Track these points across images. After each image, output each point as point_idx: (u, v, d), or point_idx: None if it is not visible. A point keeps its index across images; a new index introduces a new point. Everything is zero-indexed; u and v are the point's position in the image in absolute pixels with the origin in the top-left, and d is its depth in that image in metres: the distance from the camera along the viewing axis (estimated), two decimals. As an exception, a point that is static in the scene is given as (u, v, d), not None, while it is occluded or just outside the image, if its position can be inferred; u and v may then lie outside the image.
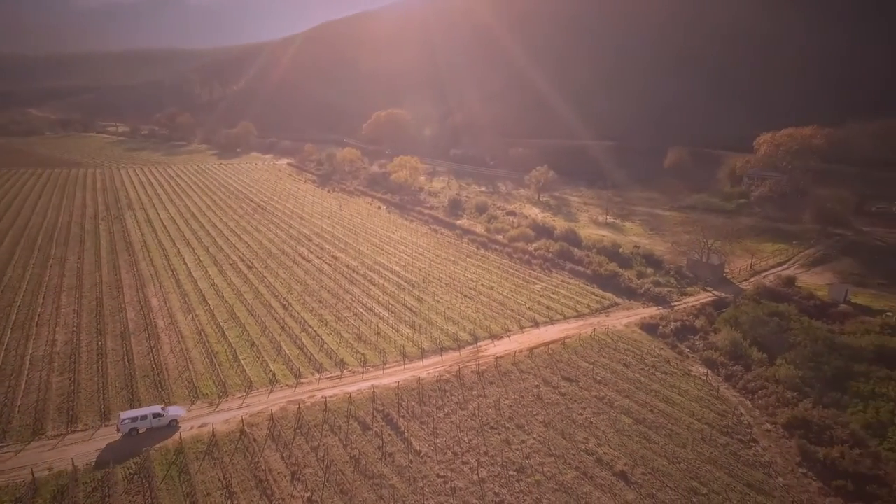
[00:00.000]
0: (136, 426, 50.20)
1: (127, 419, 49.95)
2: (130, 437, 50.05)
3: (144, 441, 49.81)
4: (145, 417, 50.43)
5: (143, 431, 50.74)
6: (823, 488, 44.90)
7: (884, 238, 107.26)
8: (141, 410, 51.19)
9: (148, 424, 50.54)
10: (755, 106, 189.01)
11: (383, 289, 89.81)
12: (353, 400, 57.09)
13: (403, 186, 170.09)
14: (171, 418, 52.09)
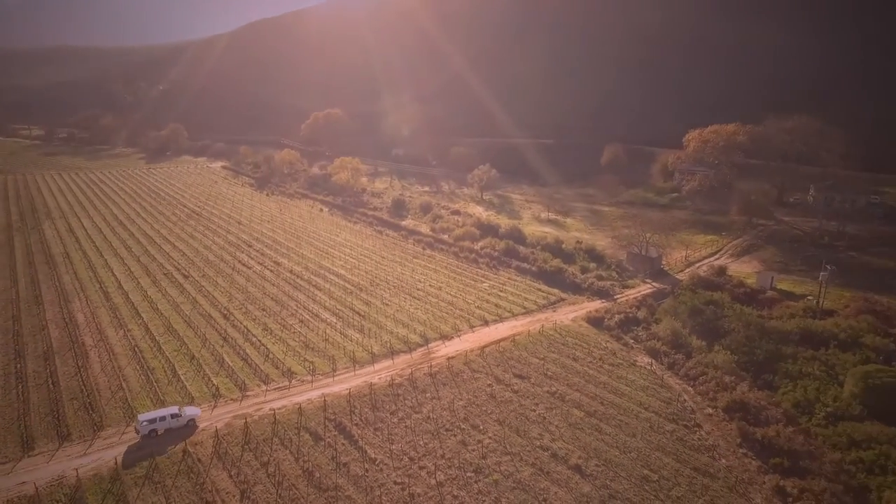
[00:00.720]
0: (155, 427, 50.82)
1: (145, 421, 50.58)
2: (150, 439, 50.48)
3: (164, 441, 50.52)
4: (164, 419, 51.22)
5: (161, 432, 51.13)
6: (762, 466, 47.33)
7: (801, 227, 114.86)
8: (159, 412, 51.81)
9: (166, 425, 51.28)
10: (683, 104, 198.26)
11: (329, 293, 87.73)
12: (304, 410, 55.26)
13: (345, 188, 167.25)
14: (189, 418, 52.60)
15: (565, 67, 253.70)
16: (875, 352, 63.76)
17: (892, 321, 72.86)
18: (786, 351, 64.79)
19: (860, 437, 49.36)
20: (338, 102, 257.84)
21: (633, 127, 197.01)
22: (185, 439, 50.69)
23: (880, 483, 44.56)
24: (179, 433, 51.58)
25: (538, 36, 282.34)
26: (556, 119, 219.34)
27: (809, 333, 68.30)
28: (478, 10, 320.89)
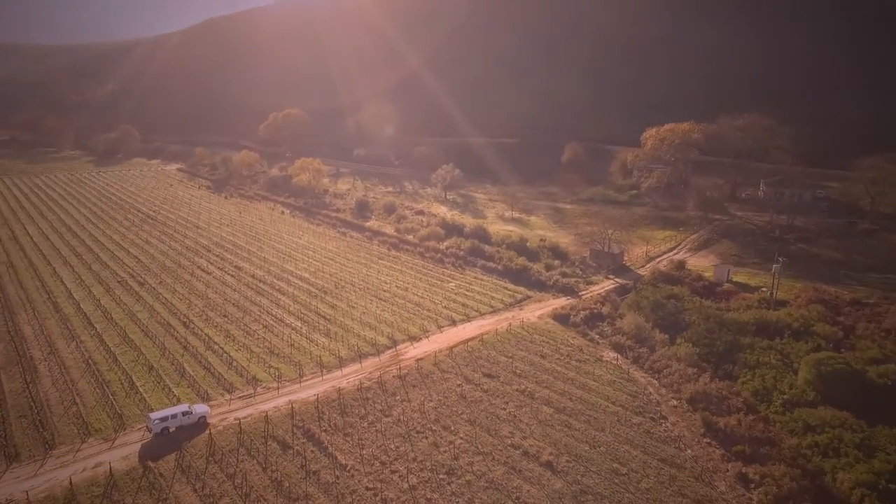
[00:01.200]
0: (167, 425, 50.99)
1: (157, 419, 50.72)
2: (163, 437, 50.58)
3: (177, 439, 50.81)
4: (175, 416, 51.47)
5: (173, 430, 51.25)
6: (726, 455, 48.80)
7: (754, 221, 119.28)
8: (169, 410, 52.04)
9: (178, 423, 51.51)
10: (640, 103, 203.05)
11: (294, 297, 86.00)
12: (270, 418, 53.90)
13: (307, 189, 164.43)
14: (200, 415, 52.89)
15: (524, 67, 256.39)
16: (825, 339, 66.65)
17: (839, 310, 76.38)
18: (744, 341, 67.00)
19: (815, 422, 51.45)
20: (296, 102, 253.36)
21: (591, 126, 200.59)
22: (193, 438, 50.72)
23: (834, 465, 46.51)
24: (191, 431, 51.63)
25: (497, 36, 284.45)
26: (517, 118, 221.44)
27: (765, 324, 70.85)
28: (437, 10, 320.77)
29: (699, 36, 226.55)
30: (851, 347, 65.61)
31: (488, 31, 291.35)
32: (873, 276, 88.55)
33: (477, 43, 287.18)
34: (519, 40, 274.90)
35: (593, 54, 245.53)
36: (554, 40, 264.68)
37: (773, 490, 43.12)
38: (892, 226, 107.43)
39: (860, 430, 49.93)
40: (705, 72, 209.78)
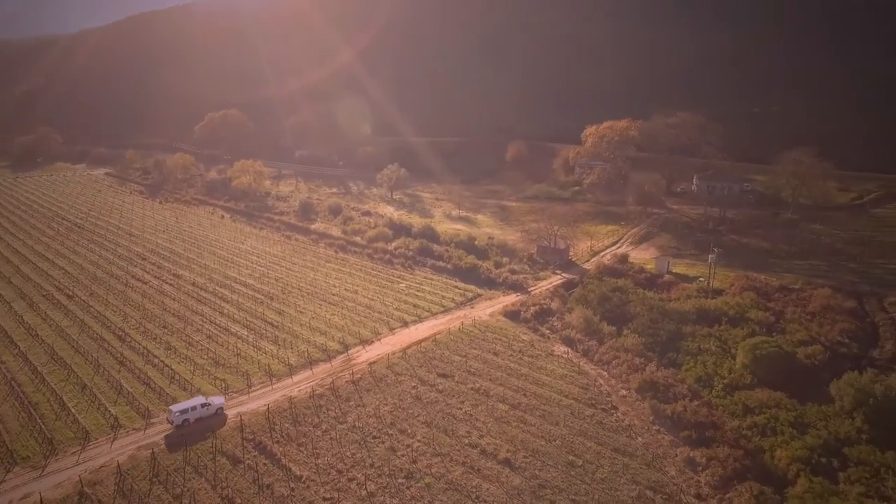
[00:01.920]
0: (188, 417, 52.33)
1: (178, 411, 52.06)
2: (183, 428, 51.86)
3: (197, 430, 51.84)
4: (194, 408, 52.82)
5: (193, 422, 52.40)
6: (674, 440, 50.69)
7: (689, 214, 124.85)
8: (189, 402, 53.33)
9: (198, 415, 52.84)
10: (579, 101, 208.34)
11: (238, 305, 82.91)
12: (218, 433, 51.63)
13: (248, 192, 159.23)
14: (217, 407, 54.23)
15: (466, 67, 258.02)
16: (759, 325, 70.46)
17: (769, 296, 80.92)
18: (685, 330, 69.89)
19: (753, 403, 54.30)
20: (229, 101, 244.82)
21: (534, 124, 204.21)
22: (216, 429, 52.08)
23: (772, 443, 49.21)
24: (210, 422, 52.98)
25: (438, 36, 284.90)
26: (461, 118, 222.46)
27: (704, 312, 74.14)
28: (375, 8, 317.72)
29: (634, 36, 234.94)
30: (782, 331, 69.62)
31: (429, 30, 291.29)
32: (797, 263, 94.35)
33: (418, 42, 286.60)
34: (460, 39, 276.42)
35: (535, 53, 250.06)
36: (496, 40, 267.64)
37: (719, 471, 45.14)
38: (811, 215, 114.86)
39: (793, 408, 53.09)
40: (641, 71, 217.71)
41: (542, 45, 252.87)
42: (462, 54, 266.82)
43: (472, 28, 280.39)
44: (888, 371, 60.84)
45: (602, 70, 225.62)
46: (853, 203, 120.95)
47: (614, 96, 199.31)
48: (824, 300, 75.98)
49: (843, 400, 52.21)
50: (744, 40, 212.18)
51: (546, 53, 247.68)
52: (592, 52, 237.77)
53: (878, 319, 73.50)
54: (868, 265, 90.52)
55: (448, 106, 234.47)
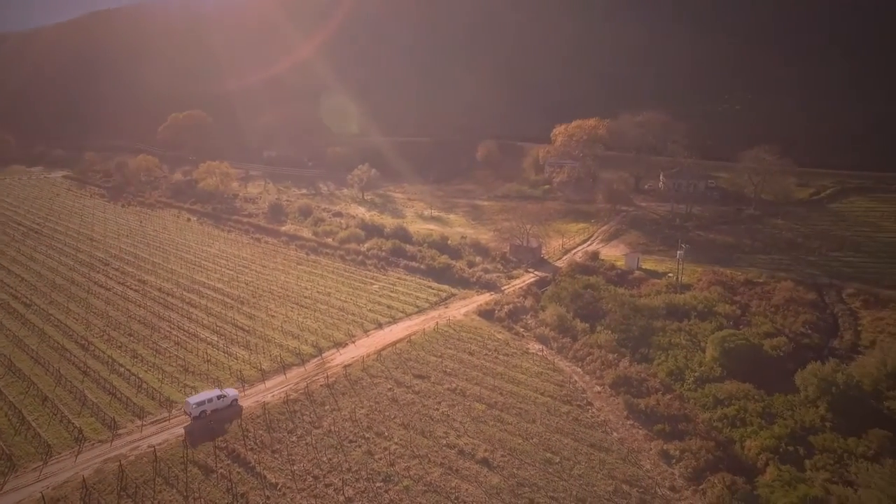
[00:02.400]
0: (205, 408, 53.40)
1: (194, 403, 53.09)
2: (201, 420, 53.04)
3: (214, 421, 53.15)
4: (211, 400, 53.91)
5: (210, 413, 53.52)
6: (648, 434, 51.51)
7: (657, 211, 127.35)
8: (205, 394, 54.38)
9: (214, 406, 54.00)
10: (547, 100, 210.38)
11: (207, 310, 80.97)
12: (190, 442, 50.24)
13: (215, 194, 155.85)
14: (232, 398, 55.56)
15: (435, 67, 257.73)
16: (726, 318, 72.35)
17: (735, 290, 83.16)
18: (656, 325, 71.24)
19: (723, 395, 55.62)
20: (197, 103, 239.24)
21: (504, 123, 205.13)
22: (233, 420, 53.43)
23: (741, 434, 50.50)
24: (225, 413, 54.26)
25: (407, 36, 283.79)
26: (431, 118, 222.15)
27: (673, 307, 75.69)
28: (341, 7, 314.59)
29: (600, 36, 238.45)
30: (748, 324, 71.65)
31: (398, 30, 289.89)
32: (760, 257, 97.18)
33: (386, 43, 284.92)
34: (430, 39, 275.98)
35: (504, 53, 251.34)
36: (465, 40, 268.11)
37: (692, 463, 46.05)
38: (772, 211, 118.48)
39: (761, 399, 54.59)
40: (608, 70, 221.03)
41: (511, 45, 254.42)
42: (432, 54, 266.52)
43: (442, 28, 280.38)
44: (848, 360, 63.26)
45: (570, 69, 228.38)
46: (811, 199, 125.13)
47: (582, 95, 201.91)
48: (787, 293, 78.54)
49: (808, 389, 53.93)
50: (705, 42, 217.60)
51: (515, 53, 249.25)
52: (560, 52, 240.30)
53: (838, 310, 76.35)
54: (826, 258, 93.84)
55: (418, 106, 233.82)
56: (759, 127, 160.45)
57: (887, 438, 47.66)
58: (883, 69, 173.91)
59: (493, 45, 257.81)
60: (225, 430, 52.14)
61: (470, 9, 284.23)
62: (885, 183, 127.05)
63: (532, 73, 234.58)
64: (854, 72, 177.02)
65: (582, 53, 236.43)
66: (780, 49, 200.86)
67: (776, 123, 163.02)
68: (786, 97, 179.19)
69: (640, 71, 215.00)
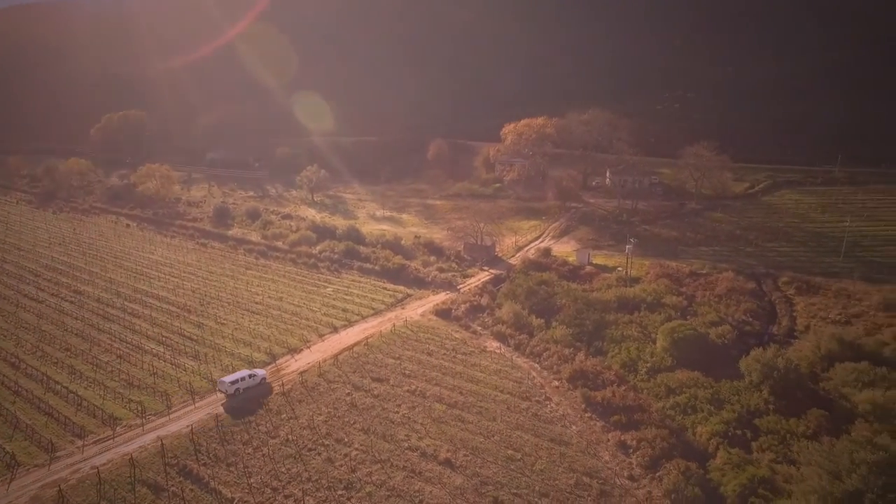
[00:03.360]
0: (238, 386, 57.34)
1: (229, 381, 57.05)
2: (236, 397, 56.90)
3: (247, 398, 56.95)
4: (243, 379, 57.90)
5: (243, 391, 57.39)
6: (606, 426, 52.68)
7: (604, 207, 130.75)
8: (237, 374, 58.41)
9: (246, 385, 57.94)
10: (495, 99, 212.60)
11: (151, 320, 77.25)
12: (137, 461, 47.72)
13: (155, 199, 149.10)
14: (261, 378, 59.51)
15: (383, 66, 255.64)
16: (674, 309, 74.90)
17: (681, 281, 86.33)
18: (608, 318, 73.02)
19: (674, 384, 57.57)
20: (135, 103, 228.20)
21: (452, 122, 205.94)
22: (264, 397, 57.14)
23: (693, 420, 52.42)
24: (257, 391, 58.03)
25: (354, 35, 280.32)
26: (379, 117, 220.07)
27: (624, 300, 77.84)
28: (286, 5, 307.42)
29: (546, 36, 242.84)
30: (694, 314, 74.51)
31: (346, 31, 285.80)
32: (703, 250, 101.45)
33: (334, 43, 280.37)
34: (378, 38, 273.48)
35: (448, 52, 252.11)
36: (414, 39, 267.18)
37: (649, 452, 47.41)
38: (712, 205, 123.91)
39: (709, 386, 56.82)
40: (554, 70, 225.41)
41: (458, 45, 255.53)
42: (377, 54, 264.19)
43: (390, 28, 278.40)
44: (786, 345, 66.91)
45: (516, 69, 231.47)
46: (747, 192, 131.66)
47: (529, 95, 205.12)
48: (729, 283, 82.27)
49: (752, 375, 56.55)
50: (645, 43, 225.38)
51: (463, 54, 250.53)
52: (508, 53, 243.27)
53: (775, 298, 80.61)
54: (762, 249, 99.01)
55: (365, 105, 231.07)
56: (697, 124, 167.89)
57: (824, 417, 50.63)
58: (806, 70, 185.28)
59: (440, 45, 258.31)
60: (261, 403, 56.39)
61: (416, 8, 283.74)
62: (811, 176, 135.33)
63: (479, 73, 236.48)
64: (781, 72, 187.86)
65: (527, 53, 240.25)
66: (714, 50, 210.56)
67: (712, 121, 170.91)
68: (720, 96, 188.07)
69: (583, 70, 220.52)
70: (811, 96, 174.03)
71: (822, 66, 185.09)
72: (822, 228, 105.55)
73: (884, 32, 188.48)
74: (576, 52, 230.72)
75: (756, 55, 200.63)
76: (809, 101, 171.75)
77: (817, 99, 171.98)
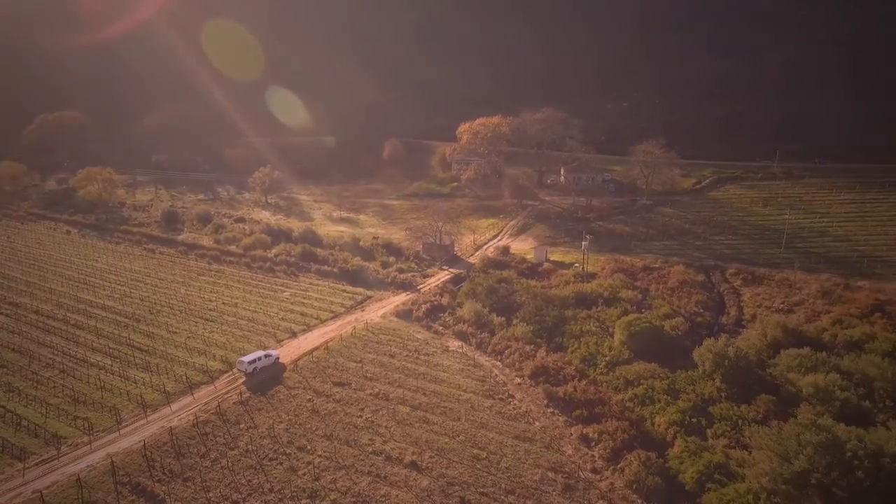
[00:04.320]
0: (256, 365, 61.74)
1: (247, 361, 61.52)
2: (254, 376, 61.30)
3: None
4: (260, 359, 62.49)
5: (260, 370, 61.72)
6: (568, 420, 53.53)
7: (559, 204, 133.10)
8: (253, 354, 62.99)
9: (262, 364, 62.40)
10: (449, 98, 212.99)
11: (97, 331, 73.59)
12: (85, 481, 45.30)
13: (98, 203, 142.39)
14: (275, 357, 64.23)
15: (335, 66, 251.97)
16: (629, 303, 76.96)
17: (635, 275, 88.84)
18: (567, 314, 74.25)
19: (632, 376, 59.06)
20: (69, 103, 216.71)
21: (407, 121, 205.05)
22: (279, 374, 61.88)
23: (651, 411, 53.89)
24: (272, 370, 62.52)
25: (303, 34, 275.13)
26: (332, 117, 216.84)
27: (582, 296, 79.35)
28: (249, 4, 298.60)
29: (497, 37, 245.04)
30: (649, 307, 76.72)
31: (294, 31, 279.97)
32: (655, 244, 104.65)
33: (282, 42, 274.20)
34: (328, 38, 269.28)
35: (404, 52, 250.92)
36: (364, 39, 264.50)
37: (610, 444, 48.44)
38: (662, 200, 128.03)
39: (666, 377, 58.59)
40: (505, 70, 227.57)
41: (411, 45, 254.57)
42: (330, 54, 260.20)
43: (341, 27, 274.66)
44: (735, 334, 69.83)
45: (470, 70, 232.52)
46: (694, 188, 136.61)
47: (483, 95, 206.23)
48: (680, 276, 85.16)
49: (705, 364, 58.62)
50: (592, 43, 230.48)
51: (415, 53, 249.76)
52: (460, 53, 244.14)
53: (723, 289, 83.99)
54: (710, 242, 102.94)
55: (318, 106, 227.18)
56: (645, 122, 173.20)
57: (772, 402, 53.08)
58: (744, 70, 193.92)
59: (392, 44, 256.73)
60: (279, 379, 60.75)
61: (365, 7, 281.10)
62: (752, 172, 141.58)
63: (431, 72, 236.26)
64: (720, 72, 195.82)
65: (480, 54, 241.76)
66: (658, 51, 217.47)
67: (659, 119, 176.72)
68: (665, 95, 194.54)
69: (534, 71, 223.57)
70: (748, 95, 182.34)
71: (759, 67, 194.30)
72: (765, 221, 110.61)
73: (813, 36, 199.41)
74: (526, 54, 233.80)
75: (697, 56, 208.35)
76: (747, 100, 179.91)
77: (754, 98, 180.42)
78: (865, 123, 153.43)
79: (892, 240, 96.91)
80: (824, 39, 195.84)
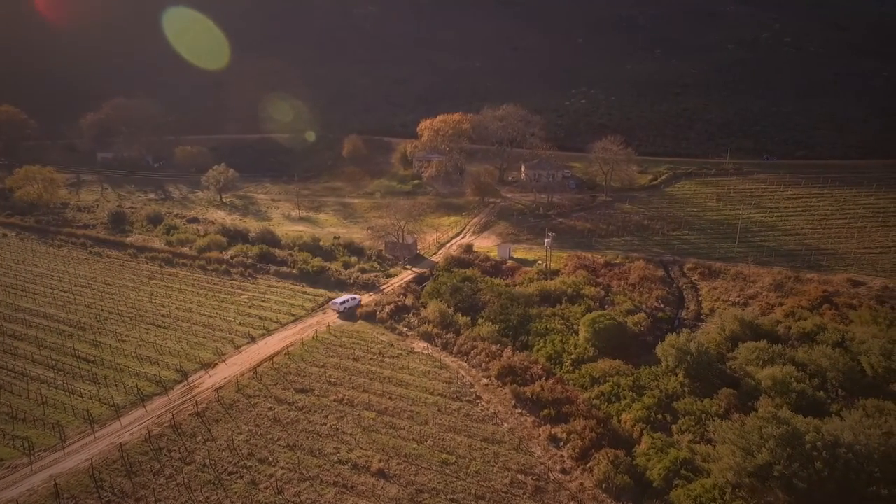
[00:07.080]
0: (346, 305, 77.52)
1: (339, 303, 77.42)
2: (344, 312, 76.50)
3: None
4: (346, 301, 78.16)
5: (347, 309, 76.69)
6: (536, 420, 53.25)
7: (521, 201, 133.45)
8: (342, 297, 79.19)
9: (349, 305, 77.76)
10: (409, 95, 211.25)
11: (38, 342, 69.03)
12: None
13: (37, 204, 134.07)
14: (358, 300, 79.82)
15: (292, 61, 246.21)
16: (593, 300, 77.56)
17: (597, 272, 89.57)
18: (532, 312, 74.15)
19: (597, 374, 59.35)
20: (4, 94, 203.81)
21: (366, 118, 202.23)
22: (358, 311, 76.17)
23: (617, 408, 54.25)
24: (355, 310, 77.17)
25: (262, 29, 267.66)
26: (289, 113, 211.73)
27: (546, 293, 79.41)
28: None
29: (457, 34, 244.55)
30: (611, 303, 77.49)
31: (249, 25, 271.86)
32: (615, 240, 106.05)
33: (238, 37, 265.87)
34: (287, 34, 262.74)
35: (362, 49, 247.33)
36: (323, 35, 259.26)
37: (579, 444, 48.39)
38: (621, 197, 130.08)
39: (630, 373, 59.12)
40: (465, 67, 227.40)
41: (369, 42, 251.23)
42: (288, 49, 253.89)
43: (299, 23, 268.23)
44: (695, 328, 71.26)
45: (429, 66, 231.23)
46: (651, 184, 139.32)
47: (443, 92, 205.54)
48: (640, 271, 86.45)
49: (668, 360, 59.44)
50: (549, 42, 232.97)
51: (376, 49, 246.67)
52: (418, 50, 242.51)
53: (682, 284, 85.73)
54: (668, 237, 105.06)
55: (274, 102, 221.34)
56: (603, 119, 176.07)
57: (733, 396, 54.17)
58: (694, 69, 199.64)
59: (348, 40, 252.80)
60: (357, 315, 75.52)
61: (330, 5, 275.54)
62: (705, 168, 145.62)
63: (390, 69, 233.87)
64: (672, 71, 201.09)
65: (439, 49, 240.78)
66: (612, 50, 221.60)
67: (615, 116, 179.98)
68: (621, 93, 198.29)
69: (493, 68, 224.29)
70: (699, 93, 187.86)
71: (708, 66, 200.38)
72: (719, 216, 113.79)
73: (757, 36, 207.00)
74: (485, 51, 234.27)
75: (653, 54, 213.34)
76: (698, 98, 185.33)
77: (704, 96, 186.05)
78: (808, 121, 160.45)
79: (836, 233, 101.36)
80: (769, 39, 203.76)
